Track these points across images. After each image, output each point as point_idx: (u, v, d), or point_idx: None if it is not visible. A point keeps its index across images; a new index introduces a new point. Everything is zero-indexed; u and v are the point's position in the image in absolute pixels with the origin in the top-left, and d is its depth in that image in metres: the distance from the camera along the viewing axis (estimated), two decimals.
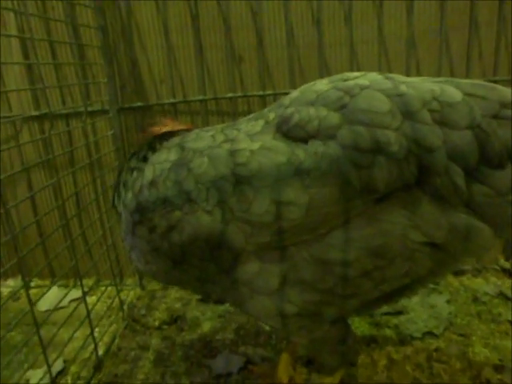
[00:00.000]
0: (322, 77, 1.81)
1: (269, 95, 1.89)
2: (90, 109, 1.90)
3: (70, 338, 1.52)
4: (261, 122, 1.06)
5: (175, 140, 1.18)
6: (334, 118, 0.95)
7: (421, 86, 0.96)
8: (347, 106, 0.95)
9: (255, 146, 1.00)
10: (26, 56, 1.93)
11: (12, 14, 1.88)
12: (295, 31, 1.85)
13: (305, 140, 0.97)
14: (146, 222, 1.09)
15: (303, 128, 0.97)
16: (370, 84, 0.96)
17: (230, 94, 1.90)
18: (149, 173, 1.12)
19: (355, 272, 0.97)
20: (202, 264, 1.07)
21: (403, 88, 0.95)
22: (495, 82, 1.74)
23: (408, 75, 1.76)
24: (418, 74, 1.87)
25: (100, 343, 1.69)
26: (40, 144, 2.05)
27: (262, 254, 1.00)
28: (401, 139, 0.91)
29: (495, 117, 0.92)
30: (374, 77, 1.00)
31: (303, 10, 1.83)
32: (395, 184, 0.93)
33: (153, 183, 1.09)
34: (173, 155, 1.11)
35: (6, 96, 1.99)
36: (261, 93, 1.88)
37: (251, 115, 1.17)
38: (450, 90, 0.94)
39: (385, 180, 0.92)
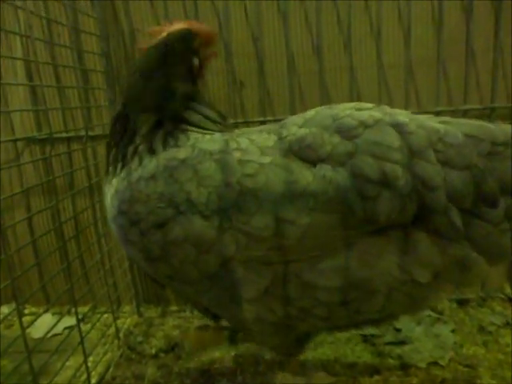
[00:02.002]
0: (322, 103, 1.84)
1: (269, 121, 1.90)
2: (91, 133, 1.91)
3: (62, 367, 1.47)
4: (273, 137, 1.07)
5: (191, 140, 1.14)
6: (347, 146, 0.98)
7: (427, 125, 0.99)
8: (360, 136, 0.98)
9: (265, 160, 1.00)
10: (30, 80, 1.96)
11: (18, 39, 1.92)
12: (296, 57, 1.88)
13: (314, 163, 0.99)
14: (131, 215, 1.07)
15: (315, 151, 0.99)
16: (383, 118, 1.00)
17: (230, 121, 1.91)
18: (151, 167, 1.09)
19: (334, 299, 1.00)
20: (181, 266, 1.05)
21: (413, 126, 0.98)
22: (493, 109, 1.80)
23: (407, 101, 1.81)
24: (417, 100, 1.89)
25: (93, 372, 1.63)
26: (41, 168, 2.06)
27: (249, 264, 1.01)
28: (407, 175, 0.95)
29: (488, 155, 0.97)
30: (386, 110, 1.03)
31: (303, 36, 1.87)
32: (395, 219, 0.96)
33: (153, 177, 1.07)
34: (182, 154, 1.08)
35: (9, 119, 2.00)
36: (261, 119, 1.89)
37: (263, 127, 1.19)
38: (453, 131, 0.98)
39: (386, 213, 0.95)
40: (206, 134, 1.16)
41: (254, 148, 1.04)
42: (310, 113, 1.09)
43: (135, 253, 1.12)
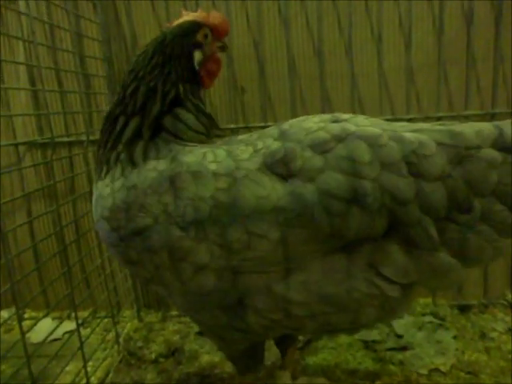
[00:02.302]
0: (323, 107, 1.85)
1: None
2: (92, 138, 1.91)
3: (61, 372, 1.46)
4: (250, 149, 1.07)
5: (172, 152, 1.13)
6: (317, 161, 0.97)
7: (401, 136, 0.98)
8: (331, 150, 0.97)
9: (239, 173, 1.01)
10: (32, 85, 1.98)
11: (21, 44, 1.93)
12: (297, 62, 1.89)
13: (286, 177, 0.99)
14: (112, 221, 1.10)
15: (286, 165, 0.99)
16: (356, 131, 0.99)
17: (232, 125, 1.91)
18: (133, 177, 1.11)
19: (302, 312, 1.02)
20: (157, 271, 1.08)
21: (385, 139, 0.97)
22: (494, 114, 1.80)
23: (408, 106, 1.81)
24: (418, 105, 1.89)
25: (93, 377, 1.63)
26: (42, 173, 2.07)
27: (223, 274, 1.03)
28: (376, 191, 0.94)
29: (461, 160, 0.95)
30: (360, 122, 1.02)
31: (304, 41, 1.88)
32: (364, 234, 0.97)
33: (134, 187, 1.09)
34: (161, 165, 1.09)
35: (11, 123, 2.01)
36: (262, 124, 1.88)
37: (242, 136, 1.17)
38: (426, 142, 0.96)
39: (355, 229, 0.95)
40: (187, 145, 1.15)
41: (230, 161, 1.04)
42: (285, 125, 1.09)
43: (115, 255, 1.17)
